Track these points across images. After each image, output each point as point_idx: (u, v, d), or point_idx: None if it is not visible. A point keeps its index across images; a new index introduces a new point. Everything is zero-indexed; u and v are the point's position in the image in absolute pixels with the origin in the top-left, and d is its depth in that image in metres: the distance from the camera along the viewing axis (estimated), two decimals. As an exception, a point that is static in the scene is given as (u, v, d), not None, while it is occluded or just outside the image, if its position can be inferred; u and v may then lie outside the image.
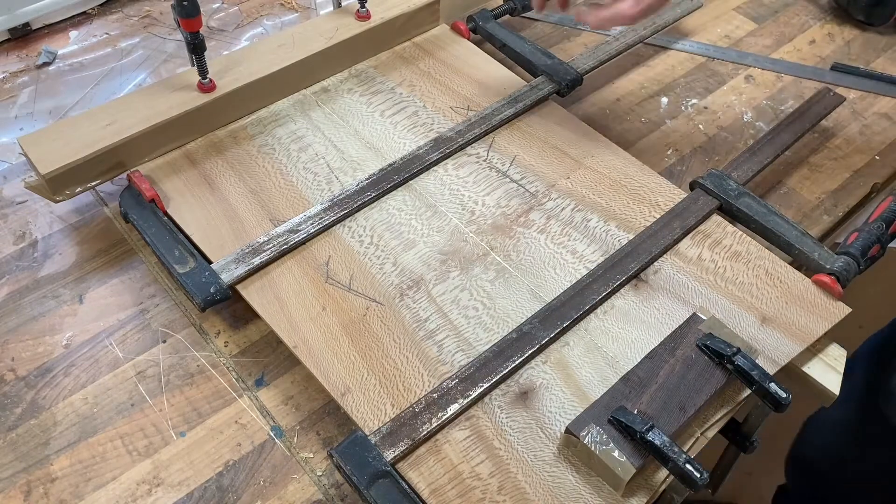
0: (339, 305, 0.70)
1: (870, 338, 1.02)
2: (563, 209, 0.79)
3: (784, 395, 0.63)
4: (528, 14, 1.05)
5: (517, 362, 0.66)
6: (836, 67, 1.03)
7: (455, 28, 0.98)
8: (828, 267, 0.74)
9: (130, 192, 0.77)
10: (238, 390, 0.68)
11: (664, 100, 0.98)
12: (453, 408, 0.63)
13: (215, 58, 0.85)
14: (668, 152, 0.92)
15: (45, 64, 0.98)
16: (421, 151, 0.82)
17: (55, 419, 0.66)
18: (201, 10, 0.75)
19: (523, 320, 0.69)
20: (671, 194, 0.81)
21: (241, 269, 0.71)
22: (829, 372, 0.70)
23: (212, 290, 0.69)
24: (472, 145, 0.85)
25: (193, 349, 0.71)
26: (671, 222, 0.77)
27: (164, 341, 0.71)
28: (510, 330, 0.68)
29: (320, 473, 0.64)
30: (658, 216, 0.78)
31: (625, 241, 0.76)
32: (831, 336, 0.71)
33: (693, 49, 1.05)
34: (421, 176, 0.81)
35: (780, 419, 0.72)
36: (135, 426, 0.66)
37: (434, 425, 0.62)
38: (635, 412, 0.60)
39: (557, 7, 0.83)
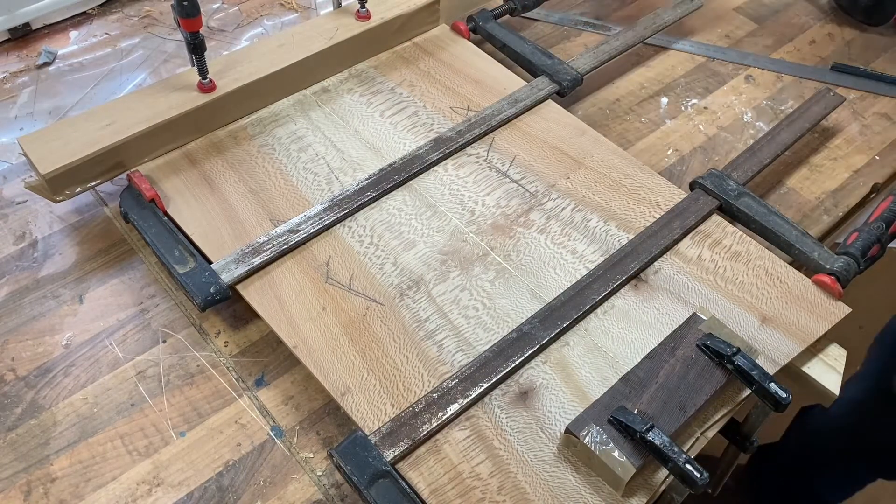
0: (339, 305, 0.70)
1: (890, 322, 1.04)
2: (563, 209, 0.79)
3: (784, 395, 0.63)
4: (529, 14, 1.05)
5: (517, 362, 0.66)
6: (836, 67, 1.03)
7: (455, 28, 0.98)
8: (828, 267, 0.74)
9: (130, 192, 0.77)
10: (238, 390, 0.68)
11: (664, 100, 0.98)
12: (453, 408, 0.63)
13: (215, 58, 0.85)
14: (668, 152, 0.92)
15: (45, 64, 0.98)
16: (421, 151, 0.82)
17: (55, 419, 0.66)
18: (201, 10, 0.75)
19: (523, 320, 0.69)
20: (671, 194, 0.81)
21: (241, 269, 0.71)
22: (829, 372, 0.70)
23: (212, 290, 0.69)
24: (472, 145, 0.85)
25: (193, 349, 0.71)
26: (671, 222, 0.77)
27: (164, 341, 0.71)
28: (510, 330, 0.68)
29: (320, 473, 0.64)
30: (658, 216, 0.78)
31: (625, 241, 0.76)
32: (831, 336, 0.71)
33: (693, 49, 1.05)
34: (421, 176, 0.81)
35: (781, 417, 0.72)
36: (135, 426, 0.66)
37: (434, 425, 0.62)
38: (635, 412, 0.60)
39: None
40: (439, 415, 0.62)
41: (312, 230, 0.75)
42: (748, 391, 0.65)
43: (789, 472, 1.26)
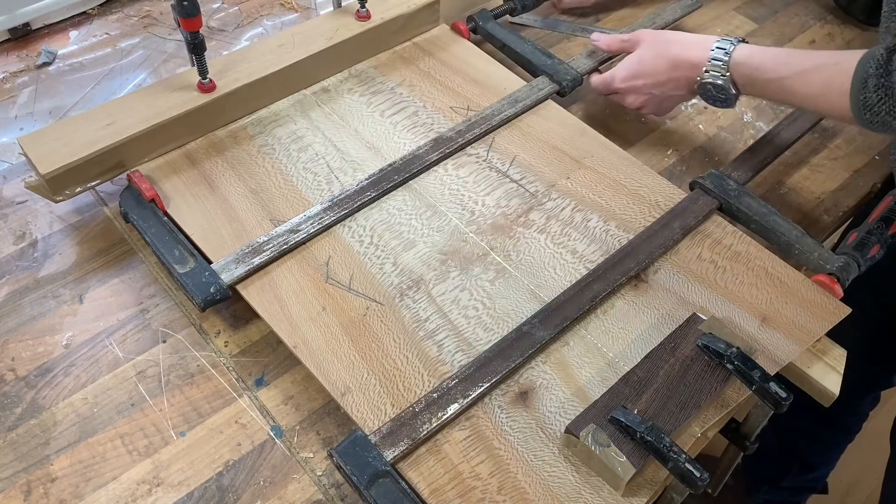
0: (339, 305, 0.70)
1: None
2: (563, 209, 0.79)
3: (784, 395, 0.63)
4: (522, 21, 1.05)
5: (517, 362, 0.66)
6: (836, 67, 1.03)
7: (455, 28, 0.98)
8: (828, 267, 0.74)
9: (130, 192, 0.77)
10: (238, 390, 0.68)
11: (664, 100, 0.98)
12: (453, 408, 0.63)
13: (215, 58, 0.85)
14: (668, 152, 0.92)
15: (45, 64, 0.98)
16: (421, 151, 0.82)
17: (55, 419, 0.66)
18: (201, 10, 0.75)
19: (523, 320, 0.69)
20: (671, 194, 0.81)
21: (241, 269, 0.71)
22: (829, 372, 0.69)
23: (212, 290, 0.69)
24: (472, 145, 0.85)
25: (193, 349, 0.71)
26: (671, 222, 0.77)
27: (164, 341, 0.71)
28: (510, 330, 0.68)
29: (320, 473, 0.64)
30: (658, 216, 0.78)
31: (625, 241, 0.76)
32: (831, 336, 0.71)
33: (693, 49, 1.05)
34: (421, 176, 0.81)
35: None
36: (135, 426, 0.66)
37: (434, 425, 0.62)
38: (635, 412, 0.60)
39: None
40: (439, 415, 0.62)
41: (312, 230, 0.75)
42: (748, 391, 0.65)
43: (774, 440, 1.26)
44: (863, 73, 0.68)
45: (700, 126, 0.95)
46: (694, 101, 0.98)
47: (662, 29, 1.02)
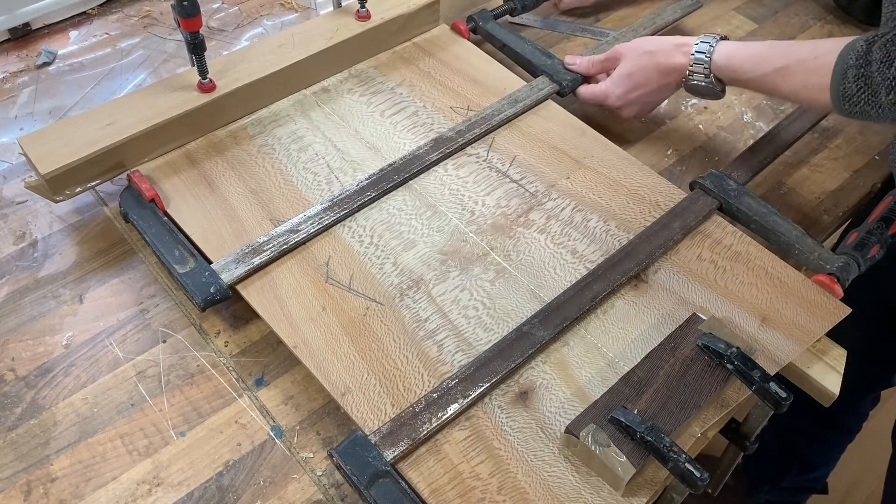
0: (339, 305, 0.70)
1: None
2: (563, 209, 0.79)
3: (784, 395, 0.63)
4: (523, 21, 1.05)
5: (517, 362, 0.66)
6: (836, 67, 1.03)
7: (455, 28, 0.98)
8: (828, 267, 0.74)
9: (130, 192, 0.77)
10: (238, 390, 0.68)
11: (664, 100, 0.98)
12: (453, 408, 0.63)
13: (215, 58, 0.85)
14: (668, 152, 0.92)
15: (45, 64, 0.98)
16: (421, 151, 0.82)
17: (55, 419, 0.66)
18: (201, 10, 0.75)
19: (523, 320, 0.69)
20: (671, 194, 0.81)
21: (241, 269, 0.71)
22: (829, 372, 0.69)
23: (212, 289, 0.69)
24: (472, 145, 0.85)
25: (193, 349, 0.71)
26: (671, 222, 0.77)
27: (164, 341, 0.71)
28: (510, 330, 0.68)
29: (320, 473, 0.64)
30: (658, 216, 0.78)
31: (625, 241, 0.76)
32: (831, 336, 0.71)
33: (693, 49, 1.05)
34: (421, 176, 0.81)
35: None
36: (135, 426, 0.66)
37: (434, 425, 0.62)
38: (635, 412, 0.60)
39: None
40: (439, 415, 0.62)
41: (312, 230, 0.75)
42: (748, 391, 0.65)
43: (774, 440, 1.26)
44: (843, 64, 0.70)
45: (700, 126, 0.95)
46: (694, 101, 0.98)
47: (663, 30, 1.03)
